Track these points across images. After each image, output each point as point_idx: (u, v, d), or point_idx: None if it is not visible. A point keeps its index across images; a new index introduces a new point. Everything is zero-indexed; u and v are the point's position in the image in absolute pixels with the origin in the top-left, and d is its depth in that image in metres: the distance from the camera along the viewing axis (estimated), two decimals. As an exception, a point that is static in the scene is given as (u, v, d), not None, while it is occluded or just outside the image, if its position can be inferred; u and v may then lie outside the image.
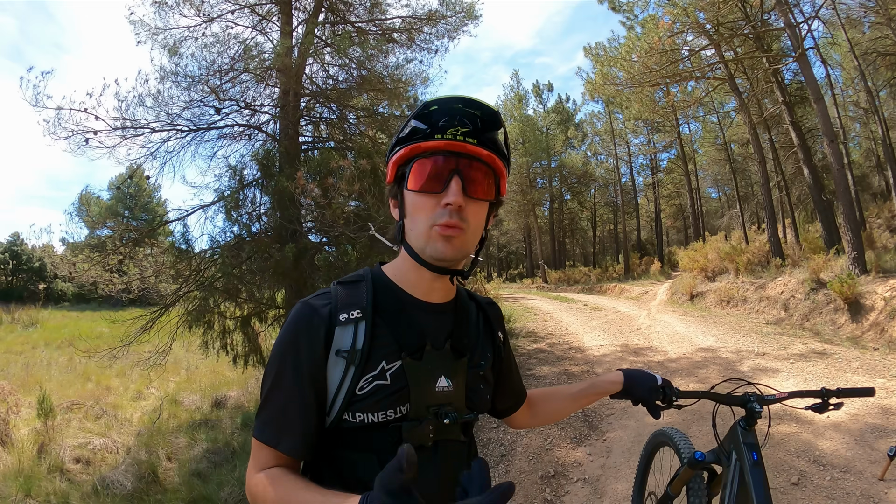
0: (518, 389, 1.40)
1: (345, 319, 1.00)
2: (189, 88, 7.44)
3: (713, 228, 29.19)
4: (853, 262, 10.28)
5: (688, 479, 2.15)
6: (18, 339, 14.55)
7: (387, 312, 1.04)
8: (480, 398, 1.12)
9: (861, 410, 4.96)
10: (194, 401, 8.14)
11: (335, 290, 1.06)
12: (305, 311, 1.02)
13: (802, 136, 15.23)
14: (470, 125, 1.00)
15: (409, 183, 1.01)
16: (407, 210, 1.04)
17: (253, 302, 7.60)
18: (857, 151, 21.72)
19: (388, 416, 0.99)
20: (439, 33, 9.22)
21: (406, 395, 1.00)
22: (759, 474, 1.66)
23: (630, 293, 20.89)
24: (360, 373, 0.98)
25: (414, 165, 1.01)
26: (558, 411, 1.52)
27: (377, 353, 1.00)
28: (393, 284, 1.09)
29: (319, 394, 0.99)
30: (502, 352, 1.27)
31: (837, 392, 1.73)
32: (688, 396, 1.67)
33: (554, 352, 9.45)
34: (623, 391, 1.52)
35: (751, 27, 14.60)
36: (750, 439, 1.74)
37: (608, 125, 34.56)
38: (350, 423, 0.99)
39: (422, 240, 1.01)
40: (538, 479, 4.39)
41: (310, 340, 0.99)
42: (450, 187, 0.98)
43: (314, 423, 0.99)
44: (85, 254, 8.00)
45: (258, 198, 7.93)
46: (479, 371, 1.13)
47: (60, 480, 5.25)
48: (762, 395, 1.78)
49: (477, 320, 1.21)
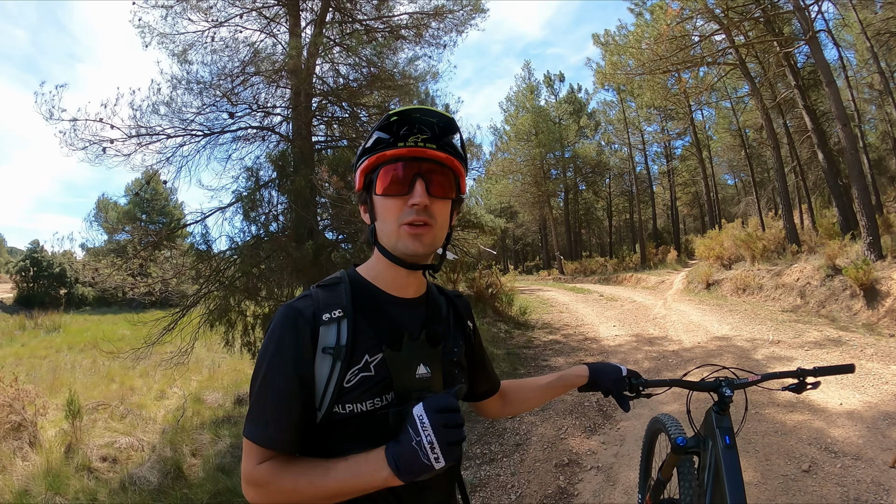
0: (492, 376, 1.50)
1: (328, 319, 1.08)
2: (201, 94, 7.54)
3: (730, 215, 28.94)
4: (869, 247, 10.19)
5: (675, 463, 2.22)
6: (42, 343, 14.79)
7: (365, 309, 1.13)
8: (456, 382, 1.23)
9: (875, 398, 4.97)
10: (217, 398, 8.27)
11: (316, 292, 1.13)
12: (290, 313, 1.08)
13: (817, 119, 15.06)
14: (428, 132, 1.12)
15: (377, 188, 1.11)
16: (377, 213, 1.13)
17: (273, 300, 7.72)
18: (872, 134, 21.32)
19: (376, 405, 1.07)
20: (447, 28, 9.25)
21: (389, 384, 1.08)
22: (732, 457, 1.71)
23: (646, 283, 20.80)
24: (346, 367, 1.06)
25: (380, 172, 1.11)
26: (527, 401, 1.60)
27: (360, 347, 1.08)
28: (369, 284, 1.18)
29: (307, 390, 1.06)
30: (472, 340, 1.37)
31: (814, 371, 1.77)
32: (656, 385, 1.73)
33: (569, 343, 9.50)
34: (589, 383, 1.59)
35: (760, 11, 14.43)
36: (724, 423, 1.79)
37: (621, 114, 34.25)
38: (341, 414, 1.06)
39: (392, 238, 1.10)
40: (552, 468, 4.47)
41: (296, 341, 1.05)
42: (415, 189, 1.09)
43: (303, 419, 1.06)
44: (108, 259, 8.16)
45: (275, 198, 8.03)
46: (452, 357, 1.22)
47: (88, 479, 5.38)
48: (735, 379, 1.83)
49: (448, 312, 1.31)
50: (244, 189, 7.73)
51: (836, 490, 3.48)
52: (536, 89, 37.55)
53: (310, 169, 7.18)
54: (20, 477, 5.23)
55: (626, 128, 33.86)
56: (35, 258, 29.72)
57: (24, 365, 11.13)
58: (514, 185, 38.44)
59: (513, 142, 37.09)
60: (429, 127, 1.12)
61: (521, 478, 4.36)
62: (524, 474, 4.42)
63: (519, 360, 8.31)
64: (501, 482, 4.33)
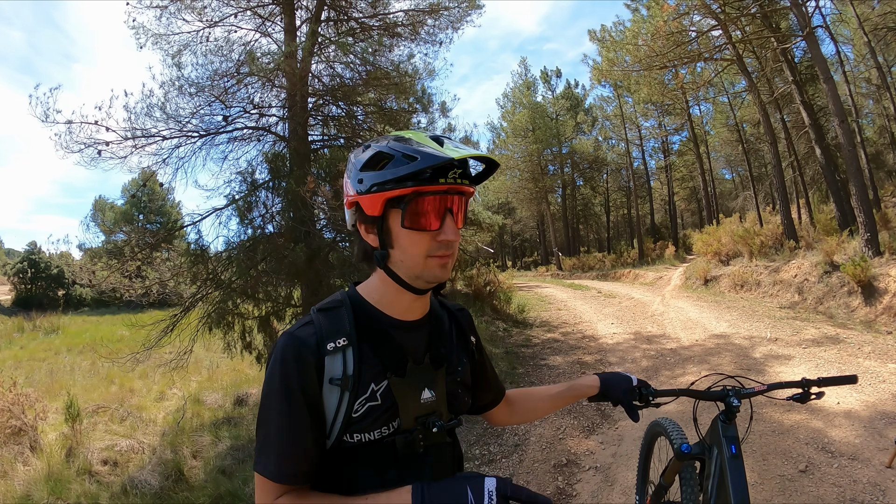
0: (496, 386, 1.49)
1: (332, 348, 1.06)
2: (196, 95, 7.51)
3: (727, 210, 28.92)
4: (866, 243, 10.20)
5: (678, 470, 2.23)
6: (41, 345, 14.80)
7: (369, 336, 1.11)
8: (461, 402, 1.23)
9: (872, 397, 4.99)
10: (216, 399, 8.29)
11: (317, 318, 1.10)
12: (293, 343, 1.06)
13: (814, 115, 15.06)
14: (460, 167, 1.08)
15: (407, 221, 1.04)
16: (396, 242, 1.07)
17: (271, 301, 7.72)
18: (870, 128, 21.31)
19: (383, 433, 1.08)
20: (442, 25, 9.20)
21: (395, 411, 1.09)
22: (738, 467, 1.73)
23: (644, 279, 20.83)
24: (354, 397, 1.05)
25: (412, 205, 1.04)
26: (536, 410, 1.60)
27: (366, 376, 1.07)
28: (371, 307, 1.15)
29: (317, 422, 1.05)
30: (476, 355, 1.36)
31: (818, 381, 1.79)
32: (666, 395, 1.73)
33: (567, 341, 9.52)
34: (600, 394, 1.59)
35: (758, 6, 14.41)
36: (730, 433, 1.82)
37: (618, 109, 34.26)
38: (349, 443, 1.07)
39: (417, 269, 1.07)
40: (551, 468, 4.49)
41: (301, 373, 1.04)
42: (446, 225, 1.06)
43: (314, 450, 1.05)
44: (104, 261, 8.13)
45: (271, 199, 8.02)
46: (456, 377, 1.23)
47: (89, 482, 5.39)
48: (741, 388, 1.84)
49: (450, 329, 1.29)
50: (238, 193, 7.71)
51: (832, 491, 3.50)
52: (533, 85, 37.48)
53: (304, 172, 7.16)
54: (22, 482, 5.25)
55: (623, 123, 33.87)
56: (33, 260, 29.73)
57: (24, 368, 11.15)
58: (511, 182, 38.35)
59: (510, 138, 37.04)
60: (464, 163, 1.08)
61: (519, 479, 4.38)
62: (523, 475, 4.44)
63: (517, 359, 8.32)
64: (500, 484, 4.33)
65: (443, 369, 1.17)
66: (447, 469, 1.19)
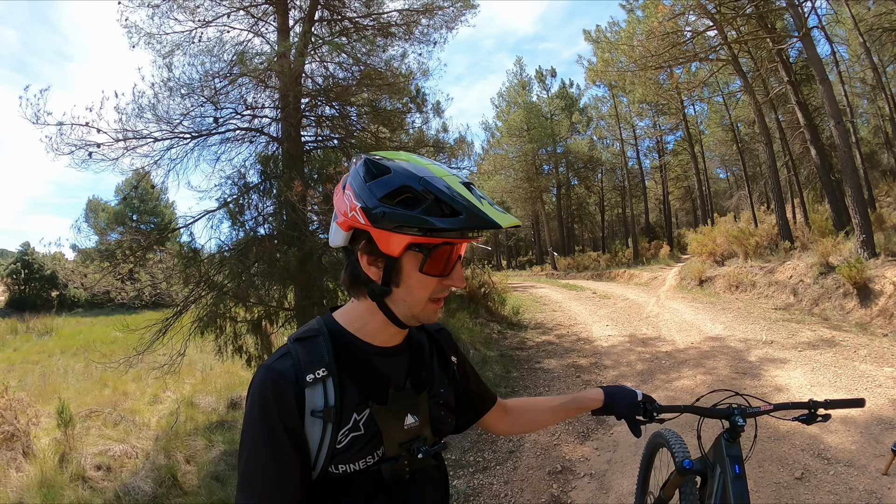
0: (485, 394, 1.45)
1: (312, 380, 1.02)
2: (187, 96, 7.45)
3: (722, 209, 28.95)
4: (862, 245, 10.20)
5: (678, 484, 2.20)
6: (34, 347, 14.67)
7: (348, 365, 1.08)
8: (444, 424, 1.21)
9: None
10: (210, 402, 8.24)
11: (294, 349, 1.07)
12: (271, 376, 1.03)
13: (809, 115, 15.07)
14: None
15: (427, 268, 1.01)
16: (405, 283, 1.03)
17: (262, 305, 7.68)
18: (865, 128, 21.37)
19: (367, 462, 1.05)
20: (437, 24, 9.18)
21: (379, 440, 1.06)
22: (741, 487, 1.71)
23: (639, 279, 20.83)
24: (336, 428, 1.02)
25: (435, 253, 1.00)
26: (537, 421, 1.58)
27: (347, 406, 1.04)
28: (350, 335, 1.11)
29: (301, 455, 1.02)
30: (457, 375, 1.32)
31: (825, 404, 1.76)
32: (670, 411, 1.70)
33: (562, 343, 9.50)
34: (604, 407, 1.58)
35: (753, 6, 14.42)
36: (734, 451, 1.79)
37: (613, 109, 34.29)
38: (334, 473, 1.04)
39: (416, 310, 1.06)
40: (546, 475, 4.46)
41: (281, 407, 1.00)
42: (455, 272, 1.07)
43: (298, 485, 1.02)
44: (96, 264, 8.07)
45: (263, 201, 7.97)
46: (439, 400, 1.20)
47: (83, 488, 5.35)
48: (747, 407, 1.81)
49: (431, 351, 1.26)
50: (229, 196, 7.66)
51: (828, 498, 3.48)
52: (528, 85, 37.53)
53: (294, 175, 7.11)
54: (14, 488, 5.19)
55: (617, 123, 33.88)
56: (26, 260, 29.59)
57: (17, 371, 11.07)
58: (506, 181, 38.38)
59: (505, 138, 37.02)
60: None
61: (514, 486, 4.35)
62: (517, 482, 4.41)
63: (512, 362, 8.29)
64: (495, 491, 4.31)
65: (425, 393, 1.15)
66: (435, 492, 1.17)
